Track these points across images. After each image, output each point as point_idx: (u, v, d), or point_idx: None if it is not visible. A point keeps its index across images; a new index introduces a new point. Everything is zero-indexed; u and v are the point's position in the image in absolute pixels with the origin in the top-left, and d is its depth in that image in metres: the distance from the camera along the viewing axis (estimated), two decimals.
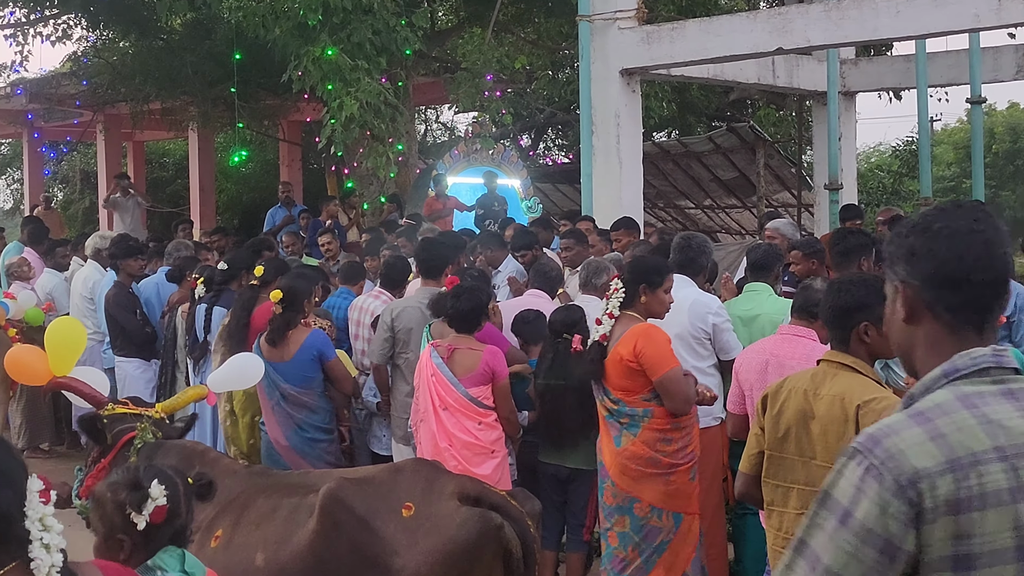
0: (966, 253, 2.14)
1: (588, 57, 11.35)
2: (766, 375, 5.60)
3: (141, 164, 23.82)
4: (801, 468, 4.16)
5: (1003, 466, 2.00)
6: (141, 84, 16.72)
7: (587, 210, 11.32)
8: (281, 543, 4.39)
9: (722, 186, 18.62)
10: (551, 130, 24.97)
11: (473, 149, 15.71)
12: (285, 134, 20.75)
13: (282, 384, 7.05)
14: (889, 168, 29.48)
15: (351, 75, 12.27)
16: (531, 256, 9.43)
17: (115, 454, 5.01)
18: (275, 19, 12.67)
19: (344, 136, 12.36)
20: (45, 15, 17.04)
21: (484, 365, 6.46)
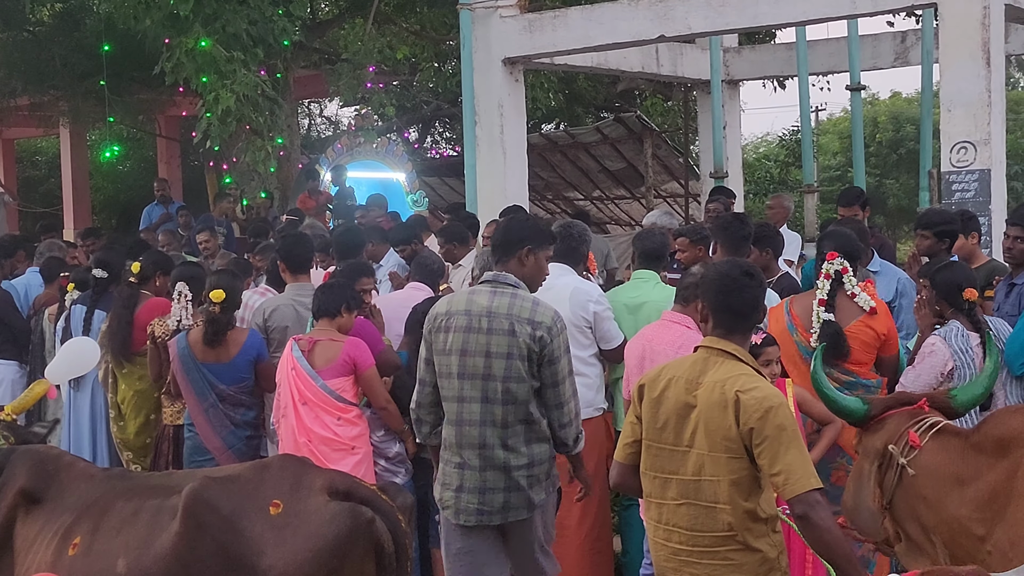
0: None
1: (470, 46, 11.16)
2: (643, 362, 5.72)
3: (12, 163, 23.00)
4: (680, 457, 4.10)
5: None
6: (7, 78, 16.10)
7: (471, 202, 11.14)
8: (143, 548, 4.19)
9: (611, 177, 18.58)
10: (438, 123, 24.76)
11: (356, 143, 15.40)
12: (162, 130, 20.18)
13: (219, 385, 6.87)
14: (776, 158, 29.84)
15: (226, 67, 11.92)
16: (411, 250, 9.26)
17: None
18: (146, 9, 12.27)
19: (221, 131, 12.01)
20: None
21: (344, 355, 6.30)
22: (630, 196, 19.05)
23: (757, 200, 23.50)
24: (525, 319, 5.05)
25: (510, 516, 5.13)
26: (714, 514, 4.03)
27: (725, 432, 3.96)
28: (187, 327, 7.28)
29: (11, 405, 5.20)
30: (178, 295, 7.42)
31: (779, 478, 3.87)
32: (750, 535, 4.02)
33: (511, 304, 5.10)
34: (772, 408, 3.90)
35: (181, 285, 7.43)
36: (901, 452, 4.42)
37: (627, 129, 16.70)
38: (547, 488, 5.21)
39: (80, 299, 8.61)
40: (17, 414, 5.14)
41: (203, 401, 6.91)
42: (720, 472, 3.99)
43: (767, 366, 5.25)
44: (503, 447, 5.08)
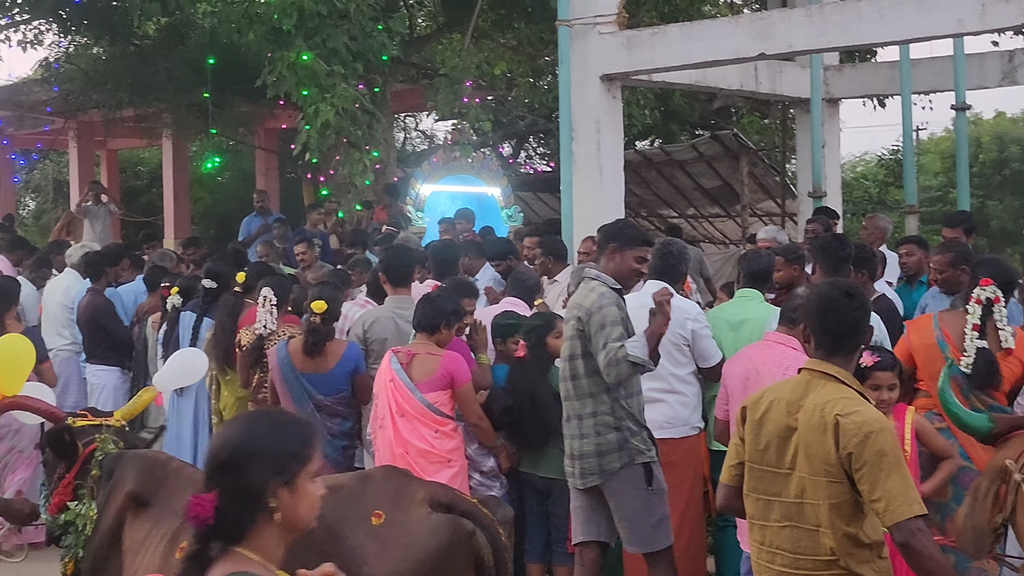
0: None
1: (568, 62, 11.12)
2: (747, 382, 5.70)
3: (115, 173, 23.53)
4: (783, 480, 4.05)
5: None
6: (114, 91, 16.46)
7: (566, 218, 11.12)
8: None
9: (705, 195, 18.44)
10: (532, 138, 24.81)
11: (452, 157, 15.46)
12: (261, 142, 20.48)
13: (317, 395, 6.95)
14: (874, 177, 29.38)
15: (326, 81, 12.06)
16: (506, 265, 9.30)
17: (79, 468, 4.94)
18: (249, 24, 12.46)
19: (319, 143, 12.14)
20: (16, 20, 16.74)
21: (443, 369, 6.35)
22: (725, 215, 18.89)
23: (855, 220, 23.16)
24: (576, 304, 5.90)
25: (589, 481, 5.84)
26: (816, 537, 3.97)
27: (824, 456, 3.90)
28: (269, 333, 7.41)
29: (120, 411, 5.29)
30: (263, 300, 7.55)
31: (879, 504, 3.80)
32: (853, 560, 3.95)
33: (579, 295, 5.99)
34: (872, 433, 3.83)
35: (267, 291, 7.57)
36: (1019, 469, 4.31)
37: (723, 147, 16.56)
38: (623, 459, 5.78)
39: (189, 307, 8.79)
40: (126, 420, 5.24)
41: (301, 410, 6.90)
42: (820, 496, 3.94)
43: (876, 390, 5.15)
44: (578, 420, 5.89)
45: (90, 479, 4.84)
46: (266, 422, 2.74)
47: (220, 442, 2.69)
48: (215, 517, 2.58)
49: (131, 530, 4.56)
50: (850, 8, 9.76)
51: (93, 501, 4.76)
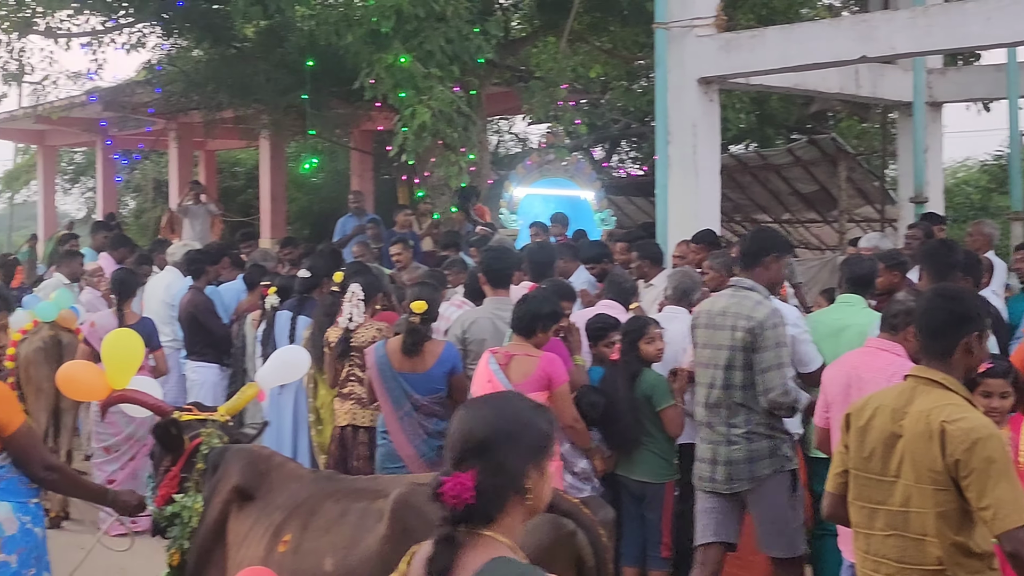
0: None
1: (664, 65, 11.07)
2: (848, 389, 5.62)
3: (213, 173, 23.92)
4: (887, 488, 4.00)
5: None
6: (214, 92, 16.71)
7: (661, 223, 11.06)
8: (350, 548, 4.28)
9: (802, 200, 18.20)
10: (625, 141, 24.71)
11: (546, 160, 15.48)
12: (356, 143, 20.67)
13: (414, 395, 6.98)
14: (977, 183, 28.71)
15: (423, 83, 12.13)
16: (600, 268, 9.29)
17: (184, 461, 5.02)
18: (348, 26, 12.58)
19: (416, 145, 12.21)
20: (120, 23, 17.10)
21: (540, 371, 6.33)
22: (821, 220, 18.61)
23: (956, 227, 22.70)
24: (744, 315, 5.97)
25: (736, 487, 6.00)
26: (923, 547, 3.90)
27: (931, 464, 3.84)
28: (356, 327, 7.50)
29: (224, 407, 5.37)
30: (350, 295, 7.63)
31: (987, 512, 3.72)
32: (962, 571, 3.87)
33: (739, 304, 6.05)
34: (980, 440, 3.76)
35: (355, 287, 7.67)
36: None
37: (820, 151, 16.32)
38: (773, 465, 5.94)
39: (285, 306, 8.93)
40: (230, 415, 5.31)
41: (398, 409, 7.01)
42: (927, 504, 3.87)
43: (987, 398, 5.04)
44: (727, 426, 6.02)
45: (195, 472, 4.92)
46: (516, 404, 2.73)
47: (474, 423, 2.64)
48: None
49: (235, 523, 4.63)
50: (955, 9, 9.58)
51: (199, 494, 4.84)
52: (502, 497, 2.60)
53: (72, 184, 30.19)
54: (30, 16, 16.55)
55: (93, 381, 5.19)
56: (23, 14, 16.35)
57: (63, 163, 28.82)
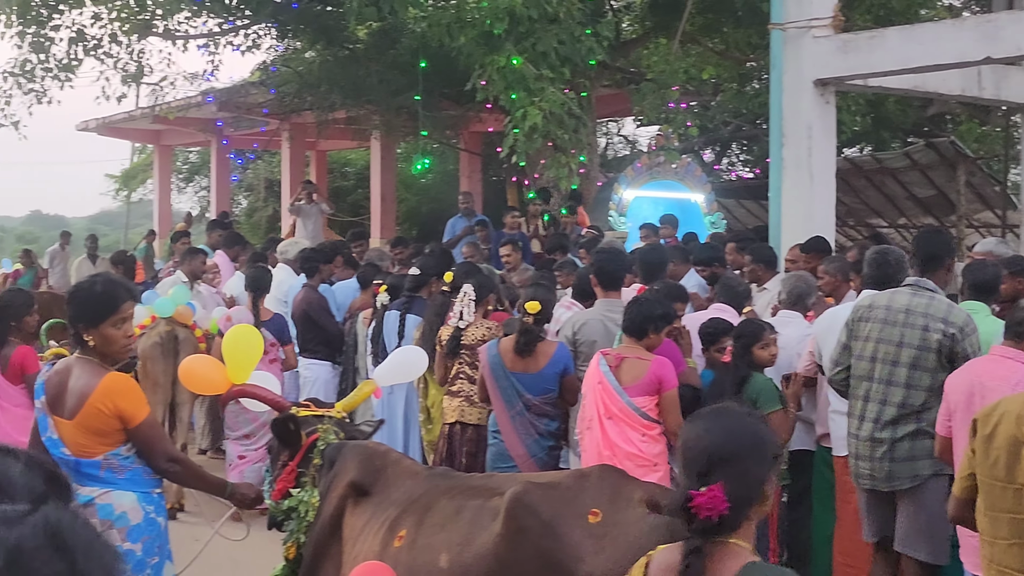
0: None
1: (780, 67, 10.92)
2: (972, 397, 5.49)
3: (324, 173, 24.23)
4: (1012, 495, 3.93)
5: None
6: (326, 93, 16.95)
7: (774, 226, 10.91)
8: (465, 545, 4.29)
9: (918, 204, 17.83)
10: (736, 144, 24.47)
11: (656, 162, 15.38)
12: (466, 144, 20.78)
13: (526, 395, 7.01)
14: None
15: (535, 84, 12.15)
16: (711, 271, 9.20)
17: (301, 456, 5.07)
18: (460, 28, 12.64)
19: (526, 146, 12.23)
20: (236, 25, 17.43)
21: (651, 374, 6.29)
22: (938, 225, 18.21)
23: None
24: (940, 318, 5.93)
25: (896, 484, 5.95)
26: None
27: None
28: (466, 326, 7.53)
29: (341, 403, 5.41)
30: (462, 294, 7.67)
31: None
32: None
33: (928, 305, 6.01)
34: None
35: (467, 287, 7.71)
36: None
37: (939, 155, 15.96)
38: (935, 467, 5.83)
39: (394, 305, 9.00)
40: (347, 412, 5.36)
41: (510, 408, 7.03)
42: None
43: None
44: (892, 424, 5.97)
45: (312, 467, 4.97)
46: (747, 416, 2.90)
47: (716, 437, 2.79)
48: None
49: (351, 518, 4.67)
50: None
51: (315, 489, 4.89)
52: (746, 506, 2.74)
53: (186, 183, 30.83)
54: (149, 19, 16.97)
55: (214, 375, 5.27)
56: (143, 17, 16.77)
57: (178, 162, 29.44)
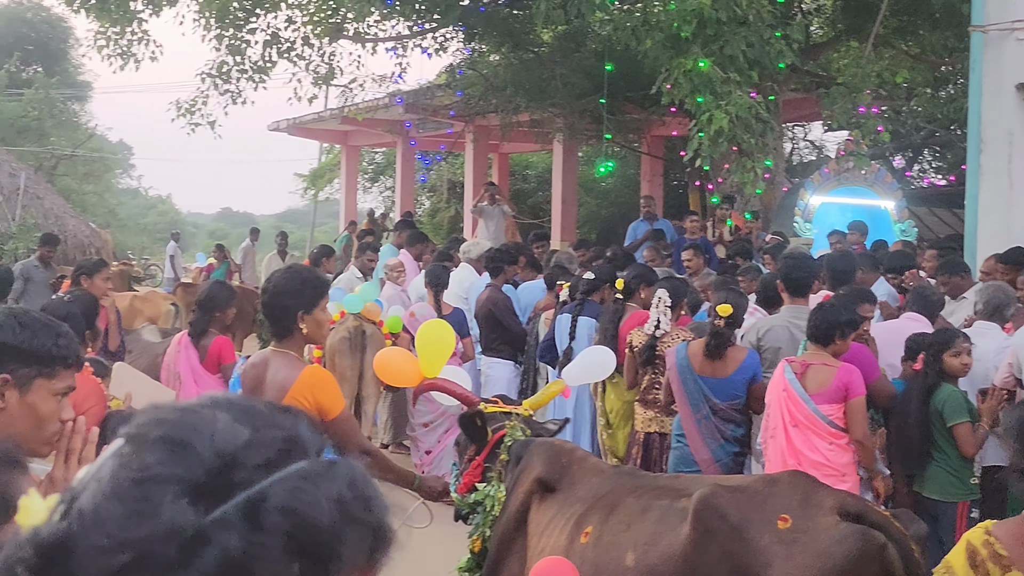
0: None
1: (980, 70, 10.55)
2: None
3: (505, 175, 24.46)
4: None
5: None
6: (511, 96, 17.11)
7: (970, 235, 10.54)
8: (651, 545, 4.28)
9: None
10: (928, 150, 23.74)
11: (844, 168, 15.04)
12: (648, 148, 20.69)
13: (713, 399, 6.97)
14: None
15: (722, 88, 12.03)
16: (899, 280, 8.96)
17: (488, 451, 5.13)
18: (647, 31, 12.60)
19: (711, 150, 12.12)
20: (425, 28, 17.78)
21: (838, 381, 6.15)
22: None
23: None
24: None
25: None
26: None
27: None
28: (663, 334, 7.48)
29: (529, 401, 5.47)
30: (657, 300, 7.62)
31: None
32: None
33: None
34: None
35: (662, 292, 7.65)
36: None
37: None
38: None
39: (566, 308, 9.06)
40: (534, 410, 5.41)
41: (696, 412, 6.98)
42: None
43: None
44: None
45: (498, 463, 5.03)
46: None
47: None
48: None
49: (537, 514, 4.71)
50: None
51: (501, 484, 4.95)
52: None
53: (372, 183, 31.52)
54: (340, 22, 17.46)
55: (407, 368, 5.40)
56: (334, 20, 17.26)
57: (364, 162, 30.12)
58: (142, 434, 1.18)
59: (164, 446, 1.16)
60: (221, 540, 1.11)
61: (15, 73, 39.97)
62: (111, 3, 17.23)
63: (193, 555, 1.10)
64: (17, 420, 2.80)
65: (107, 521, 1.12)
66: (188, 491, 1.12)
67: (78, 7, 17.47)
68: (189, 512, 1.11)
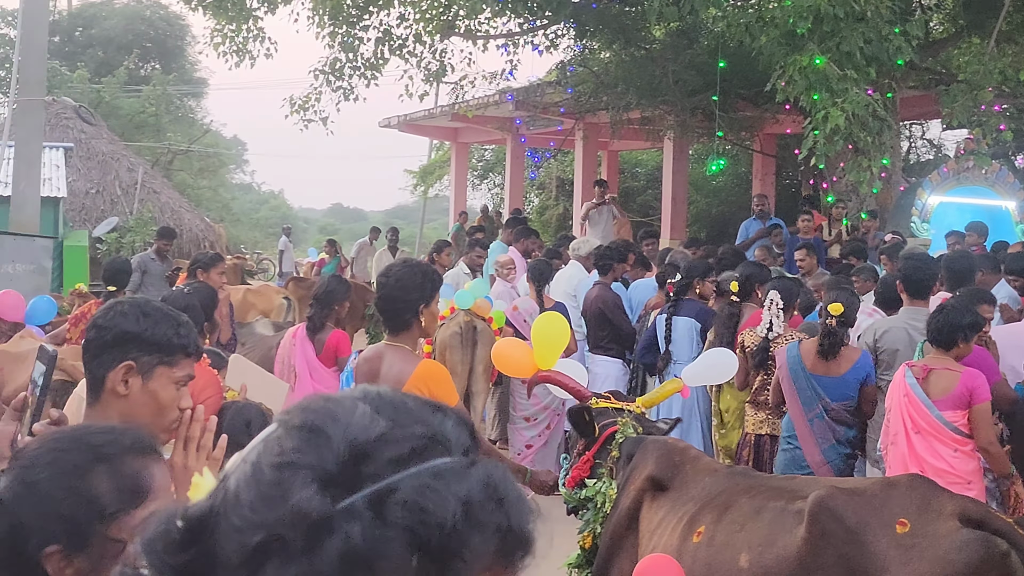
0: None
1: None
2: None
3: (615, 172, 24.36)
4: None
5: None
6: (622, 93, 17.01)
7: None
8: (766, 546, 4.26)
9: None
10: None
11: (964, 167, 14.68)
12: (760, 146, 20.44)
13: (826, 398, 6.91)
14: None
15: (838, 85, 11.79)
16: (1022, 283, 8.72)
17: (598, 447, 5.13)
18: (761, 27, 12.42)
19: (827, 149, 11.91)
20: (537, 25, 17.78)
21: (962, 387, 6.02)
22: None
23: None
24: None
25: None
26: None
27: None
28: (776, 336, 7.38)
29: (643, 399, 5.46)
30: (769, 303, 7.54)
31: None
32: None
33: None
34: None
35: (773, 294, 7.57)
36: None
37: None
38: None
39: (663, 308, 9.03)
40: (647, 408, 5.39)
41: (808, 411, 6.90)
42: None
43: None
44: None
45: (609, 459, 5.02)
46: None
47: None
48: None
49: (648, 512, 4.69)
50: None
51: (612, 480, 4.93)
52: None
53: (480, 180, 31.66)
54: (452, 19, 17.55)
55: (523, 360, 5.43)
56: (446, 17, 17.36)
57: (473, 159, 30.27)
58: (288, 420, 1.21)
59: (303, 433, 1.19)
60: (345, 530, 1.13)
61: (134, 70, 41.00)
62: (228, 1, 17.56)
63: (318, 542, 1.13)
64: (138, 407, 2.86)
65: (244, 502, 1.16)
66: (319, 479, 1.15)
67: (196, 5, 17.83)
68: (316, 500, 1.14)
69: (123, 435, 2.08)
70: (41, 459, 2.00)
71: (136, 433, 2.10)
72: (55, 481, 1.97)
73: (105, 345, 2.88)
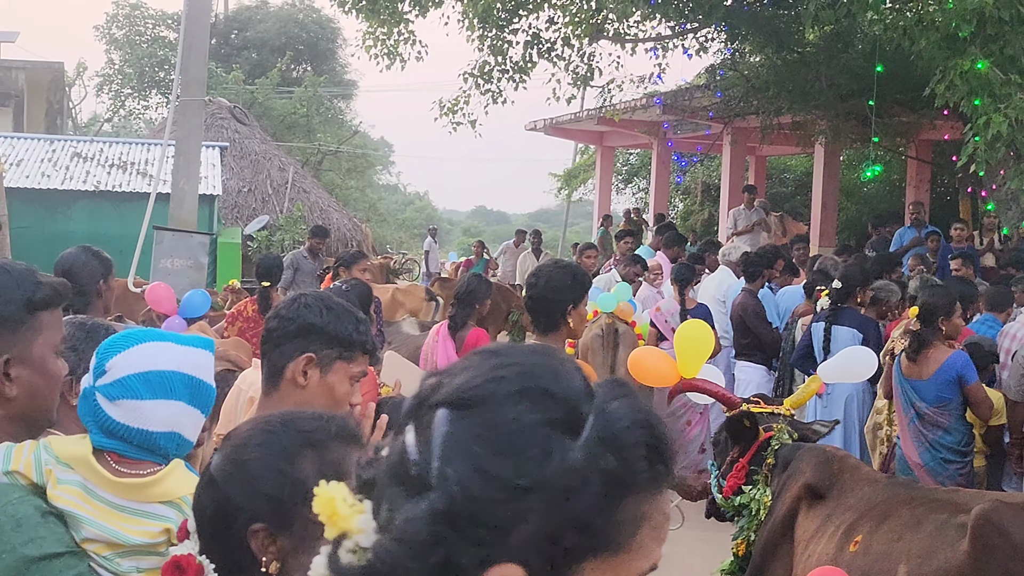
0: None
1: None
2: None
3: (762, 178, 24.01)
4: None
5: None
6: (773, 97, 16.77)
7: None
8: (925, 559, 4.17)
9: None
10: None
11: None
12: (916, 152, 19.91)
13: (917, 402, 6.87)
14: None
15: (1001, 90, 11.43)
16: None
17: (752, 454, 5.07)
18: (921, 31, 12.11)
19: (987, 155, 11.54)
20: (687, 29, 17.64)
21: None
22: None
23: None
24: None
25: None
26: None
27: None
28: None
29: (789, 400, 5.36)
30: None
31: None
32: None
33: None
34: None
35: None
36: None
37: None
38: None
39: (819, 315, 8.87)
40: (795, 409, 5.30)
41: (906, 414, 6.97)
42: None
43: None
44: None
45: (764, 466, 4.95)
46: None
47: None
48: None
49: (804, 520, 4.62)
50: None
51: (767, 487, 4.86)
52: None
53: (625, 184, 31.55)
54: (601, 22, 17.52)
55: (664, 368, 5.37)
56: (595, 21, 17.34)
57: (617, 163, 30.18)
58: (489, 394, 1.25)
59: (522, 396, 1.24)
60: (600, 463, 1.22)
61: (286, 72, 41.99)
62: (380, 4, 17.84)
63: (586, 482, 1.21)
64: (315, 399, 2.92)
65: (499, 475, 1.20)
66: (559, 427, 1.23)
67: (348, 8, 18.17)
68: (568, 444, 1.22)
69: (330, 422, 2.13)
70: (252, 440, 2.08)
71: (342, 421, 2.16)
72: (264, 462, 2.04)
73: (288, 335, 2.95)
